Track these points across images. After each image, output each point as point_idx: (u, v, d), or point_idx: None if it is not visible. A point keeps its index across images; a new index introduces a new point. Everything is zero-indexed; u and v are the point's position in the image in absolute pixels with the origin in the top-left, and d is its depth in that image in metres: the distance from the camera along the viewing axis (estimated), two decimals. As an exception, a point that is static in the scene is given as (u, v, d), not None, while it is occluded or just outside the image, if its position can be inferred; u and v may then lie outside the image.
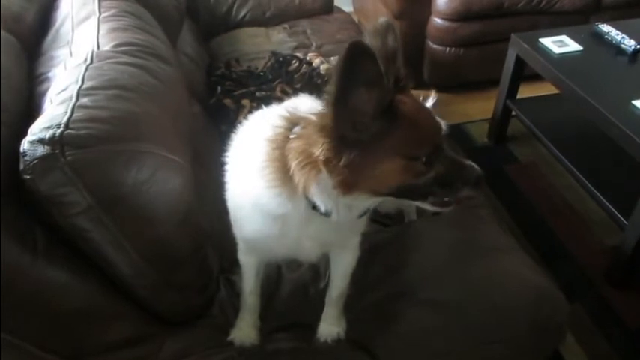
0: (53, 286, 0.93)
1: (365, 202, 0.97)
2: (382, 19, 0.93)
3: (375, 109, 0.83)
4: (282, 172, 0.92)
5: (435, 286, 1.27)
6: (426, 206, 0.98)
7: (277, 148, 0.93)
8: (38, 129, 0.93)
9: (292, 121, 0.94)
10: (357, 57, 0.76)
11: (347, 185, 0.87)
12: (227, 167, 1.12)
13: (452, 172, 0.92)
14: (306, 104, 0.98)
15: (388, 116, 0.84)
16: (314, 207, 0.94)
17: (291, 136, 0.92)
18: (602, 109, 1.95)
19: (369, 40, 0.91)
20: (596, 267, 2.10)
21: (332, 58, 2.28)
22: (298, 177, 0.90)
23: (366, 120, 0.83)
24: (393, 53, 0.91)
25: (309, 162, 0.88)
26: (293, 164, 0.89)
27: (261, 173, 0.95)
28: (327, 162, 0.86)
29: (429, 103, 1.44)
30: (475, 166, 0.94)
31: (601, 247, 2.20)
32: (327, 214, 0.94)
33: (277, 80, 2.03)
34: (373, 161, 0.86)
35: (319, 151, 0.85)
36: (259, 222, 1.04)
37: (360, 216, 1.04)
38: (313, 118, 0.88)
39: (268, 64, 2.18)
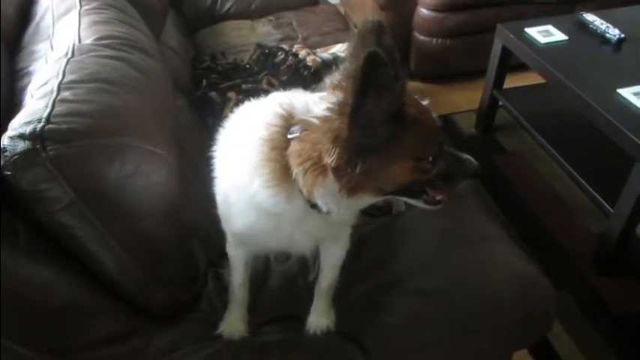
0: (36, 283, 0.92)
1: (367, 200, 0.98)
2: (372, 18, 0.92)
3: (386, 114, 0.83)
4: (280, 172, 0.92)
5: (423, 276, 1.28)
6: (419, 204, 1.00)
7: (275, 148, 0.93)
8: (18, 124, 0.92)
9: (289, 121, 0.94)
10: (374, 67, 0.77)
11: (354, 188, 0.89)
12: (216, 162, 1.11)
13: (452, 167, 0.96)
14: (300, 100, 0.97)
15: (397, 119, 0.85)
16: (312, 205, 0.94)
17: (290, 136, 0.92)
18: (588, 98, 1.96)
19: (360, 39, 0.91)
20: (582, 255, 2.12)
21: (318, 50, 2.27)
22: (302, 181, 0.90)
23: (377, 125, 0.83)
24: (390, 53, 0.90)
25: (315, 168, 0.88)
26: (297, 169, 0.90)
27: (258, 172, 0.94)
28: (337, 169, 0.86)
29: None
30: (472, 159, 0.99)
31: (587, 234, 2.21)
32: (327, 213, 0.95)
33: (263, 72, 2.02)
34: (385, 165, 0.87)
35: (330, 159, 0.85)
36: (253, 218, 1.03)
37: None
38: (317, 122, 0.88)
39: (254, 56, 2.17)
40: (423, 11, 2.91)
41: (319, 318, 1.22)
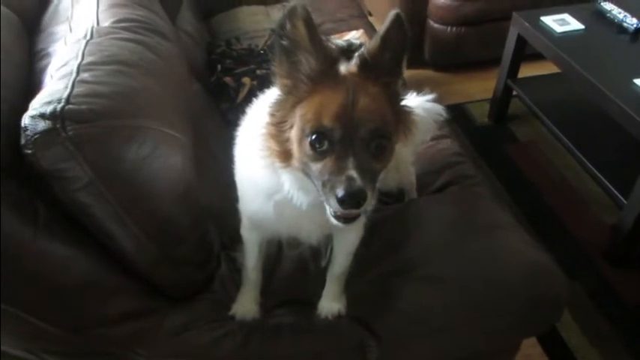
0: (54, 260, 0.94)
1: (303, 180, 0.94)
2: (397, 10, 0.91)
3: (302, 72, 0.89)
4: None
5: (434, 262, 1.28)
6: (328, 209, 0.90)
7: None
8: (39, 104, 0.93)
9: None
10: (290, 17, 0.84)
11: (281, 153, 0.92)
12: (237, 143, 1.14)
13: (332, 173, 0.84)
14: None
15: (313, 84, 0.89)
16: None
17: None
18: (603, 88, 1.95)
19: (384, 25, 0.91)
20: (594, 245, 2.11)
21: (332, 37, 2.26)
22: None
23: (301, 79, 0.89)
24: (390, 44, 0.91)
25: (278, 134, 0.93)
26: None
27: (258, 148, 0.96)
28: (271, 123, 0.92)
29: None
30: (351, 185, 0.81)
31: (600, 225, 2.21)
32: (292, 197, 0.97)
33: (278, 59, 2.01)
34: (289, 117, 0.90)
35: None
36: (258, 200, 1.06)
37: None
38: None
39: (269, 42, 2.17)
40: (438, -1, 2.88)
41: (331, 302, 1.23)
